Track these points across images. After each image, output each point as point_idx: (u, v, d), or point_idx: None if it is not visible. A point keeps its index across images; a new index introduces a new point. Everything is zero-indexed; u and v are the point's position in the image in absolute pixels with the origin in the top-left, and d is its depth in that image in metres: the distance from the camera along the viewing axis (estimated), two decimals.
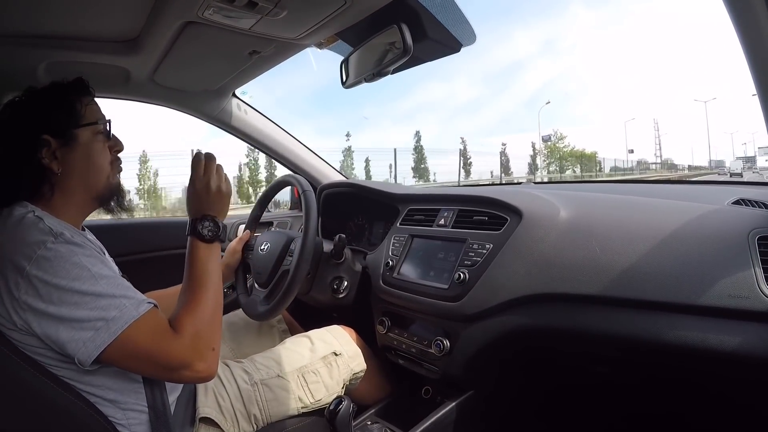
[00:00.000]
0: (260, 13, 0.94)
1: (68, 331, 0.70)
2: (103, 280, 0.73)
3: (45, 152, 0.83)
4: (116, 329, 0.71)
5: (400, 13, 0.99)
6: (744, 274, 0.71)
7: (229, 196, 0.97)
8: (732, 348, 0.70)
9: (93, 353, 0.70)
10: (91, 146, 0.88)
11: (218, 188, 0.94)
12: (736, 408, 0.94)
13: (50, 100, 0.87)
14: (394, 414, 1.13)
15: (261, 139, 1.72)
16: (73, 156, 0.86)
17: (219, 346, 0.82)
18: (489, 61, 76.35)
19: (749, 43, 0.57)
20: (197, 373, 0.77)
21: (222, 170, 0.97)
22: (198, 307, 0.82)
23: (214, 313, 0.83)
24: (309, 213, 1.14)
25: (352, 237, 1.62)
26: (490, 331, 0.96)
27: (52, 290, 0.70)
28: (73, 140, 0.86)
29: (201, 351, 0.77)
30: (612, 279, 0.81)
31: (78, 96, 0.89)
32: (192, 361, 0.76)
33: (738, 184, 1.55)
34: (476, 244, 1.02)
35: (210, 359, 0.79)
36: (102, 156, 0.90)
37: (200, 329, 0.79)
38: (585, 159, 39.69)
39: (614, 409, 1.14)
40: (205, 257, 0.89)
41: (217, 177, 0.95)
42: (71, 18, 1.01)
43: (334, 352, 1.11)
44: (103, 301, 0.72)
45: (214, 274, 0.88)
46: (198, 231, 0.90)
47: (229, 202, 0.97)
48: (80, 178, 0.87)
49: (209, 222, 0.91)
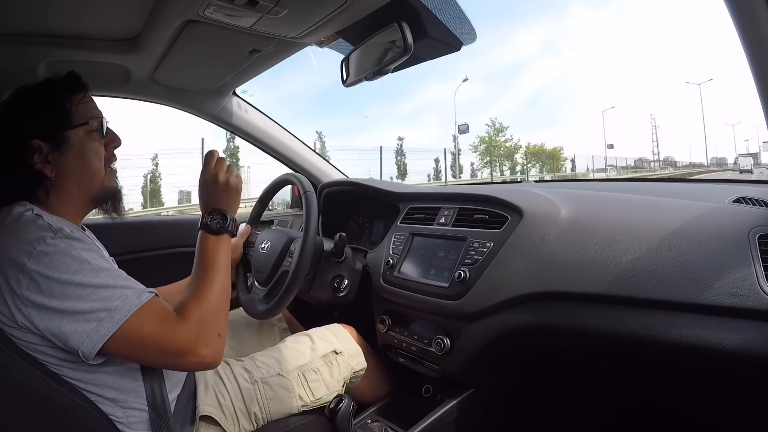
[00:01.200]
0: (261, 12, 0.94)
1: (71, 323, 0.70)
2: (104, 272, 0.74)
3: (37, 157, 0.82)
4: (119, 318, 0.71)
5: (400, 12, 0.98)
6: (744, 273, 0.71)
7: (237, 190, 0.98)
8: (732, 346, 0.70)
9: (97, 344, 0.70)
10: (83, 147, 0.86)
11: (226, 182, 0.96)
12: (735, 406, 0.94)
13: (39, 102, 0.85)
14: (394, 412, 1.13)
15: (261, 138, 1.72)
16: (66, 159, 0.84)
17: (225, 333, 0.83)
18: (489, 61, 75.80)
19: (749, 39, 0.57)
20: (202, 359, 0.77)
21: (233, 166, 0.98)
22: (204, 294, 0.82)
23: (219, 301, 0.83)
24: (309, 214, 1.14)
25: (352, 235, 1.62)
26: (491, 329, 0.96)
27: (54, 284, 0.70)
28: (64, 143, 0.84)
29: (205, 336, 0.77)
30: (612, 277, 0.81)
31: (69, 94, 0.87)
32: (196, 345, 0.76)
33: (738, 183, 1.55)
34: (477, 242, 1.02)
35: (215, 345, 0.79)
36: (96, 156, 0.88)
37: (205, 315, 0.79)
38: (546, 156, 34.09)
39: (614, 407, 1.15)
40: (212, 248, 0.90)
41: (226, 172, 0.97)
42: (72, 16, 1.01)
43: (334, 350, 1.11)
44: (104, 292, 0.72)
45: (222, 265, 0.89)
46: (206, 223, 0.92)
47: (238, 196, 0.99)
48: (75, 181, 0.86)
49: (217, 215, 0.93)
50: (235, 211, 0.97)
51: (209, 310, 0.80)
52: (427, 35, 1.06)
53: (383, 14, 0.98)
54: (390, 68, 1.08)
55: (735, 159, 38.55)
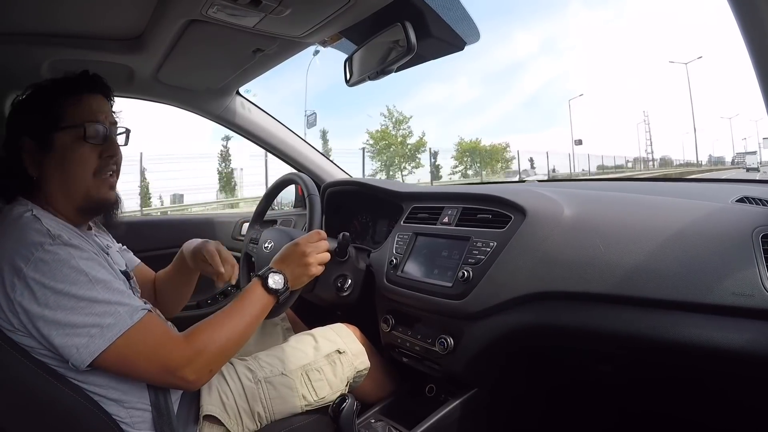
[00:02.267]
0: (264, 11, 0.95)
1: (62, 336, 0.70)
2: (100, 285, 0.74)
3: (25, 155, 0.82)
4: (111, 336, 0.72)
5: (404, 11, 0.98)
6: (748, 272, 0.71)
7: (311, 276, 0.99)
8: (735, 346, 0.70)
9: (87, 359, 0.71)
10: (67, 153, 0.82)
11: (309, 264, 0.98)
12: (738, 409, 0.94)
13: (36, 100, 0.84)
14: (397, 412, 1.13)
15: (265, 138, 1.73)
16: (48, 162, 0.82)
17: (216, 371, 0.84)
18: (489, 61, 75.17)
19: (751, 35, 0.57)
20: (185, 381, 0.79)
21: (326, 257, 1.01)
22: (219, 329, 0.83)
23: (228, 343, 0.84)
24: (313, 217, 1.14)
25: (356, 235, 1.63)
26: (494, 329, 0.96)
27: (49, 294, 0.70)
28: (49, 145, 0.81)
29: (197, 365, 0.79)
30: (616, 277, 0.81)
31: (60, 95, 0.83)
32: (184, 367, 0.77)
33: (741, 182, 1.54)
34: (480, 242, 1.02)
35: (202, 376, 0.80)
36: (79, 164, 0.83)
37: (208, 347, 0.80)
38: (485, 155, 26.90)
39: (617, 407, 1.14)
40: (256, 300, 0.90)
41: (318, 255, 0.99)
42: (75, 16, 1.01)
43: (338, 350, 1.11)
44: (98, 308, 0.72)
45: (253, 319, 0.89)
46: (267, 276, 0.92)
47: (308, 280, 1.00)
48: (57, 186, 0.83)
49: (282, 279, 0.93)
50: (295, 287, 0.97)
51: (214, 345, 0.81)
52: (430, 35, 1.05)
53: (386, 14, 0.98)
54: (393, 68, 1.08)
55: (733, 158, 37.25)
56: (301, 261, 0.97)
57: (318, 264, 1.00)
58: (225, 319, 0.85)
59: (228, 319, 0.85)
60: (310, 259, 0.98)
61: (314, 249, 0.99)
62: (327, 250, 1.02)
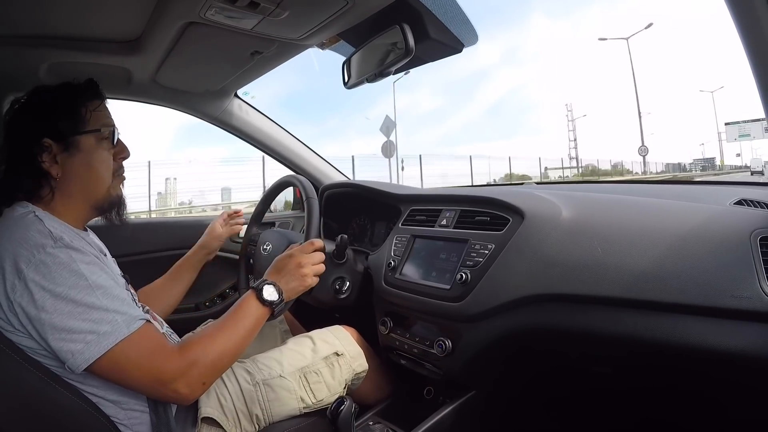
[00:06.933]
0: (262, 14, 0.95)
1: (58, 341, 0.71)
2: (99, 291, 0.74)
3: (45, 156, 0.83)
4: (106, 344, 0.72)
5: (402, 14, 0.98)
6: (746, 275, 0.71)
7: (306, 286, 1.00)
8: (734, 348, 0.70)
9: (81, 365, 0.71)
10: (92, 154, 0.87)
11: (304, 275, 0.98)
12: (735, 419, 0.94)
13: (56, 103, 0.86)
14: (395, 414, 1.13)
15: (263, 140, 1.73)
16: (73, 162, 0.85)
17: (210, 384, 0.84)
18: (453, 70, 74.95)
19: (749, 39, 0.57)
20: (177, 394, 0.78)
21: (322, 268, 1.02)
22: (213, 342, 0.83)
23: (222, 356, 0.84)
24: (311, 220, 1.14)
25: (354, 237, 1.63)
26: (492, 331, 0.96)
27: (48, 296, 0.71)
28: (74, 146, 0.85)
29: (190, 378, 0.79)
30: (614, 280, 0.81)
31: (85, 100, 0.88)
32: (177, 381, 0.77)
33: (739, 185, 1.54)
34: (478, 244, 1.02)
35: (195, 389, 0.80)
36: (104, 165, 0.89)
37: (201, 360, 0.80)
38: None
39: (615, 409, 1.14)
40: (251, 313, 0.90)
41: (313, 267, 1.00)
42: (73, 18, 1.01)
43: (336, 352, 1.10)
44: (96, 314, 0.72)
45: (247, 332, 0.89)
46: (261, 289, 0.92)
47: (303, 290, 1.00)
48: (80, 186, 0.87)
49: (276, 290, 0.93)
50: (290, 298, 0.98)
51: (208, 357, 0.81)
52: (428, 37, 1.05)
53: (385, 16, 0.98)
54: (391, 70, 1.08)
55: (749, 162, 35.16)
56: (297, 272, 0.98)
57: (313, 275, 1.01)
58: (219, 332, 0.85)
59: (222, 332, 0.86)
60: (306, 270, 0.98)
61: (309, 260, 1.00)
62: (322, 261, 1.03)
